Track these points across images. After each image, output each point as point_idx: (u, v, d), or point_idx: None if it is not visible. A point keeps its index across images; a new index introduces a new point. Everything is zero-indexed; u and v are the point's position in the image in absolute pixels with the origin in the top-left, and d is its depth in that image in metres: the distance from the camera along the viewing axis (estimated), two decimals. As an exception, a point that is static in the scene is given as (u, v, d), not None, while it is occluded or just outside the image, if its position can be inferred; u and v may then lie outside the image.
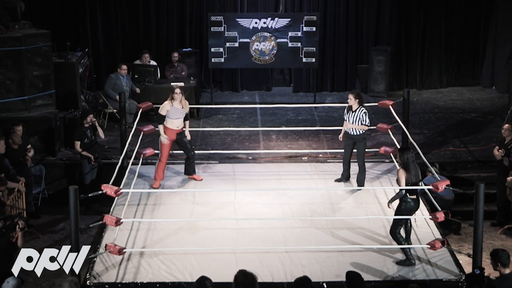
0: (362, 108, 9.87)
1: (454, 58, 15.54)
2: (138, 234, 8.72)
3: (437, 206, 8.81)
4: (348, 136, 10.06)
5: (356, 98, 9.86)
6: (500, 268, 7.03)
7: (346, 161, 10.21)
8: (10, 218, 8.10)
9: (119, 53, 14.73)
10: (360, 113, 9.83)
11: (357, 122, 9.83)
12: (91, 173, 10.78)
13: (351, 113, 9.89)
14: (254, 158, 11.47)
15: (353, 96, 9.89)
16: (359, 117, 9.83)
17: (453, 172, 11.03)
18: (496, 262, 7.05)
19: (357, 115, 9.84)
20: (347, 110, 9.99)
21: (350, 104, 9.89)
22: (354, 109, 9.88)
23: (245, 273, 6.39)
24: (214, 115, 13.68)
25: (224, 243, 8.41)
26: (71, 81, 12.12)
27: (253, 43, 13.91)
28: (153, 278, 7.71)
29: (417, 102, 14.43)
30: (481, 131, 12.76)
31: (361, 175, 10.02)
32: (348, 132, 10.02)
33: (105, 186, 8.12)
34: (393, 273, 7.78)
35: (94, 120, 10.79)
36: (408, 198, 8.03)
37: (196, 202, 9.52)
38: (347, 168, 10.23)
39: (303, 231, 8.77)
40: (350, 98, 9.90)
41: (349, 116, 9.92)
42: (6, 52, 11.34)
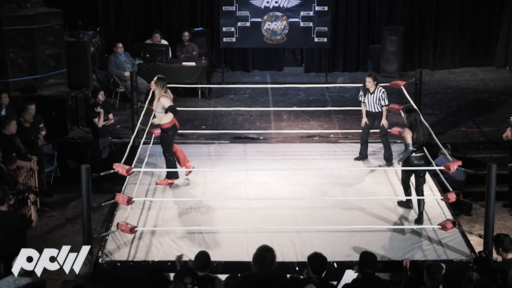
0: (380, 88, 9.86)
1: (468, 38, 15.41)
2: (149, 213, 8.76)
3: (448, 186, 8.79)
4: (368, 114, 10.02)
5: (374, 81, 9.83)
6: (502, 253, 6.98)
7: (364, 140, 10.19)
8: (21, 193, 8.17)
9: (130, 32, 14.71)
10: (380, 93, 9.82)
11: (376, 102, 9.81)
12: (102, 152, 10.83)
13: (369, 95, 9.85)
14: (265, 138, 11.46)
15: (372, 79, 9.84)
16: (378, 97, 9.80)
17: (465, 153, 10.99)
18: (498, 247, 7.01)
19: (376, 95, 9.81)
20: (364, 92, 9.93)
21: (368, 86, 9.85)
22: (372, 90, 9.84)
23: (268, 249, 6.46)
24: (225, 95, 13.66)
25: (235, 223, 8.43)
26: (82, 60, 12.14)
27: (264, 23, 13.84)
28: (164, 256, 7.75)
29: (429, 83, 14.34)
30: (494, 112, 12.69)
31: (388, 152, 10.01)
32: (368, 111, 9.98)
33: (117, 165, 8.15)
34: (404, 253, 7.78)
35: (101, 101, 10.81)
36: (415, 155, 8.35)
37: (207, 182, 9.53)
38: (366, 147, 10.22)
39: (313, 211, 8.78)
40: (368, 81, 9.83)
41: (368, 98, 9.88)
42: (18, 30, 11.36)
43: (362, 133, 10.18)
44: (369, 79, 9.85)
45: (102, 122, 10.64)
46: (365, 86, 9.88)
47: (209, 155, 10.60)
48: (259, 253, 6.55)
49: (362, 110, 10.07)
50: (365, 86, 9.90)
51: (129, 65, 12.90)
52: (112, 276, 7.49)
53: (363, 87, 9.98)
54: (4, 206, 7.65)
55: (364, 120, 10.06)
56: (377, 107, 9.84)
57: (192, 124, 11.97)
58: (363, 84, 9.96)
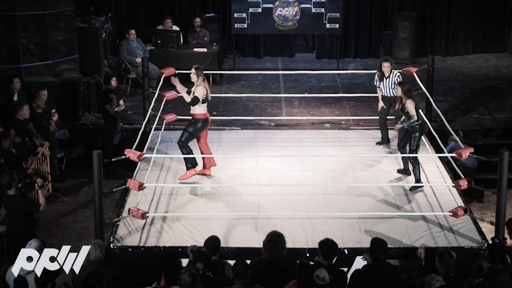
0: (395, 72, 9.86)
1: (481, 24, 15.29)
2: (160, 199, 8.79)
3: (460, 173, 8.76)
4: (384, 99, 9.99)
5: (391, 65, 9.83)
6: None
7: (383, 125, 10.19)
8: (29, 177, 8.23)
9: (141, 18, 14.69)
10: (395, 78, 9.83)
11: (392, 87, 9.80)
12: (114, 138, 10.86)
13: (385, 79, 9.83)
14: (276, 124, 11.45)
15: (389, 64, 9.86)
16: (393, 81, 9.81)
17: (477, 140, 10.94)
18: (511, 231, 6.99)
19: (392, 80, 9.81)
20: (379, 78, 9.90)
21: (385, 71, 9.82)
22: (387, 75, 9.81)
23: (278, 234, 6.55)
24: (236, 81, 13.65)
25: (246, 209, 8.45)
26: (94, 46, 12.15)
27: (276, 9, 13.79)
28: (175, 242, 7.78)
29: (441, 69, 14.25)
30: (507, 99, 12.60)
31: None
32: (384, 95, 9.96)
33: (128, 151, 8.17)
34: (414, 240, 7.78)
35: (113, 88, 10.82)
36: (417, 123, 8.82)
37: (218, 168, 9.54)
38: (386, 132, 10.21)
39: (324, 197, 8.78)
40: (387, 66, 9.84)
41: (383, 83, 9.86)
42: (30, 16, 11.38)
43: (379, 118, 10.20)
44: (387, 64, 9.84)
45: (115, 108, 10.66)
46: (381, 71, 9.86)
47: (220, 142, 10.60)
48: (269, 239, 6.58)
49: (378, 95, 10.06)
50: (381, 71, 9.87)
51: (140, 51, 12.90)
52: (123, 262, 7.53)
53: (378, 72, 9.95)
54: (12, 190, 7.73)
55: (381, 105, 10.05)
56: (393, 91, 9.81)
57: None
58: (379, 69, 9.94)
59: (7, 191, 7.75)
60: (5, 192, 7.79)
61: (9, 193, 7.75)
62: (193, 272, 5.97)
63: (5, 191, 7.77)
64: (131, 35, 12.89)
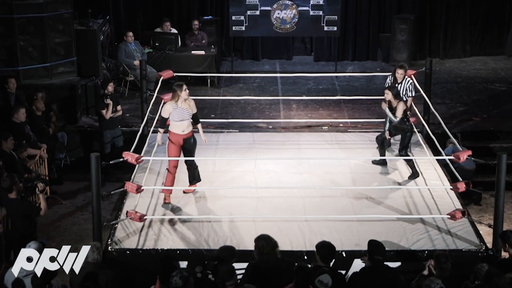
0: (408, 79, 9.88)
1: (479, 27, 15.32)
2: (159, 201, 8.78)
3: (458, 176, 8.77)
4: None
5: (405, 73, 9.86)
6: (509, 249, 6.93)
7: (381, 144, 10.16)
8: (30, 181, 8.21)
9: (140, 20, 14.71)
10: (407, 84, 9.85)
11: (403, 93, 9.80)
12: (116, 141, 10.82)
13: (397, 85, 9.81)
14: (274, 127, 11.46)
15: (403, 71, 9.86)
16: (405, 88, 9.83)
17: (475, 143, 10.94)
18: (505, 243, 6.98)
19: (404, 86, 9.84)
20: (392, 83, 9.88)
21: (398, 78, 9.83)
22: (399, 81, 9.82)
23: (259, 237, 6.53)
24: (234, 83, 13.65)
25: (244, 212, 8.45)
26: (92, 49, 12.15)
27: (274, 11, 13.80)
28: (173, 245, 7.78)
29: (439, 72, 14.27)
30: (505, 101, 12.62)
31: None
32: None
33: (126, 153, 8.16)
34: (413, 243, 7.78)
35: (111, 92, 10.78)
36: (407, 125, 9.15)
37: (216, 171, 9.54)
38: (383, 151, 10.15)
39: (322, 200, 8.78)
40: (400, 73, 9.84)
41: None
42: (28, 18, 11.38)
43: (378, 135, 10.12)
44: (401, 71, 9.88)
45: (110, 113, 10.62)
46: (394, 76, 9.86)
47: (218, 144, 10.60)
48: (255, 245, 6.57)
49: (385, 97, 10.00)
50: (394, 76, 9.87)
51: (138, 53, 12.90)
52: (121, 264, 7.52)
53: (391, 76, 9.96)
54: (13, 194, 7.71)
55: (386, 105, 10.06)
56: (403, 97, 9.80)
57: (201, 113, 11.87)
58: (392, 74, 9.95)
59: (7, 195, 7.74)
60: (5, 196, 7.77)
61: (10, 196, 7.73)
62: (185, 274, 5.85)
63: (6, 194, 7.76)
64: (129, 37, 12.91)
